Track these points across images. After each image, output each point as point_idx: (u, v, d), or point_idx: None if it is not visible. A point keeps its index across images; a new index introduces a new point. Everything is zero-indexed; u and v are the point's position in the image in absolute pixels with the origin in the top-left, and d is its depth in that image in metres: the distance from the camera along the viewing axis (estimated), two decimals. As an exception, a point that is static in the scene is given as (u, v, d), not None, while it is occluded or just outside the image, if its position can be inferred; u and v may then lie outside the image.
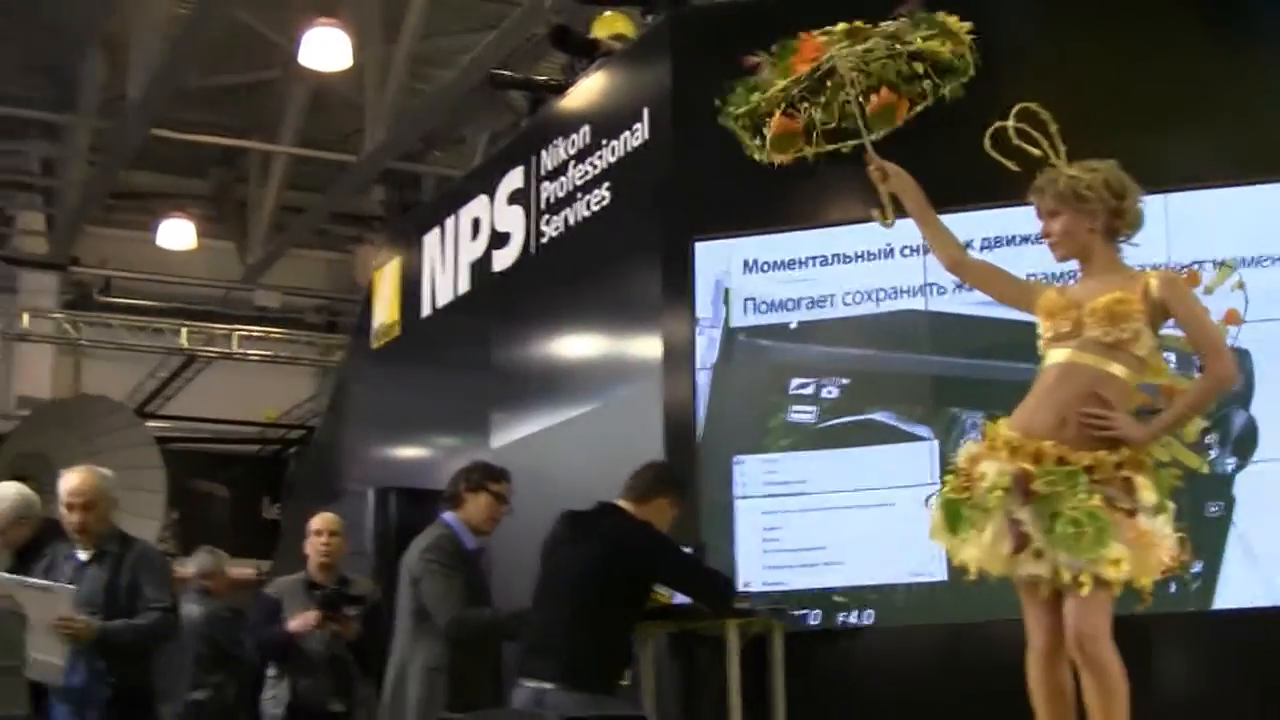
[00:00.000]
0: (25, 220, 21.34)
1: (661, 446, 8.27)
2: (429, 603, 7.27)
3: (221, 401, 21.04)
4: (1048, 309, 5.03)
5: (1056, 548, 4.66)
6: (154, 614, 7.18)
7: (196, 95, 17.28)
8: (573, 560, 6.79)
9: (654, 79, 9.10)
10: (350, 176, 18.03)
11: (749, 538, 8.08)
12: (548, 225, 9.80)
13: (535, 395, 9.72)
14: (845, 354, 8.18)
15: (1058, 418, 4.85)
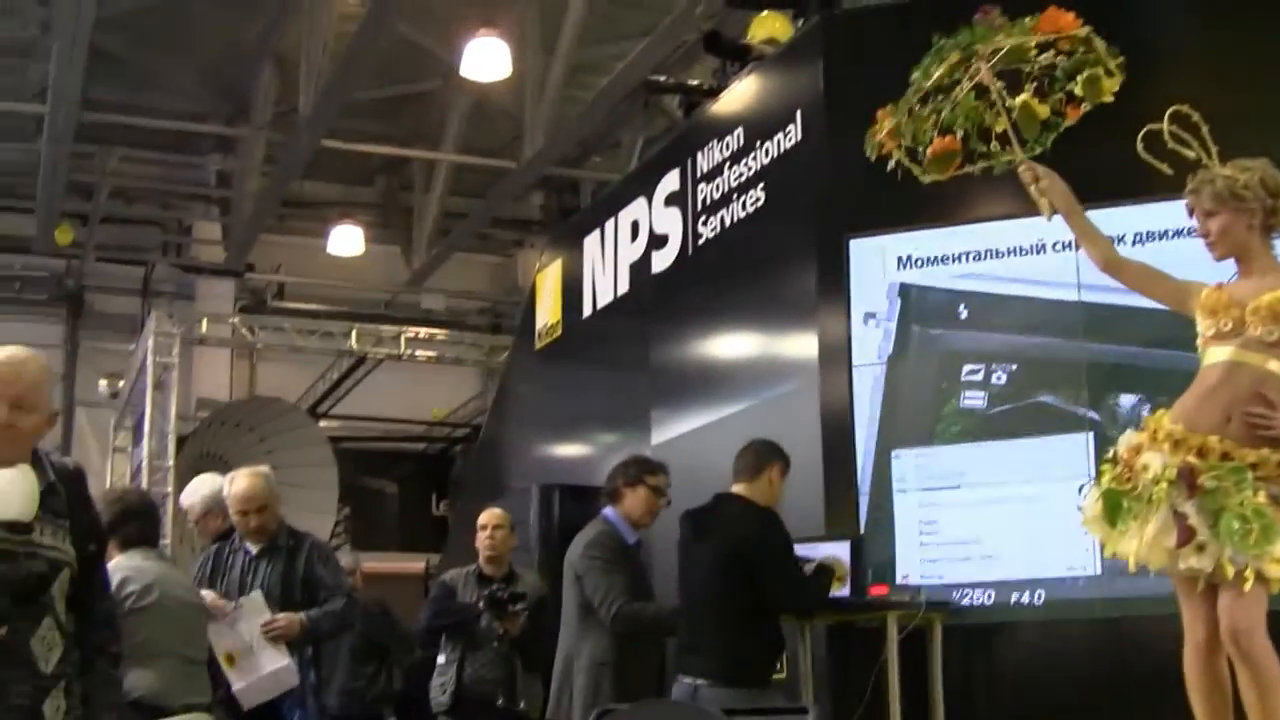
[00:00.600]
0: (203, 230, 21.70)
1: (818, 442, 8.20)
2: (593, 597, 7.25)
3: (390, 401, 21.24)
4: (1209, 306, 4.89)
5: (1223, 543, 4.53)
6: (339, 600, 7.24)
7: (363, 107, 17.45)
8: (702, 557, 6.79)
9: (806, 81, 9.03)
10: (510, 182, 18.11)
11: (907, 531, 7.99)
12: (704, 226, 9.76)
13: (694, 393, 9.68)
14: (1012, 340, 8.05)
15: (1223, 414, 4.73)
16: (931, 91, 5.25)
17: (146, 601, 6.51)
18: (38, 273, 21.20)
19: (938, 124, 5.21)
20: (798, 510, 7.73)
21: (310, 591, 7.23)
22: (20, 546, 4.11)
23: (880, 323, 8.26)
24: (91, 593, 4.44)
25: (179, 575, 7.09)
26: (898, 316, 8.25)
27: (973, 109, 5.16)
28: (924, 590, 7.54)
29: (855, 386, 8.22)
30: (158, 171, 20.76)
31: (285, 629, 7.01)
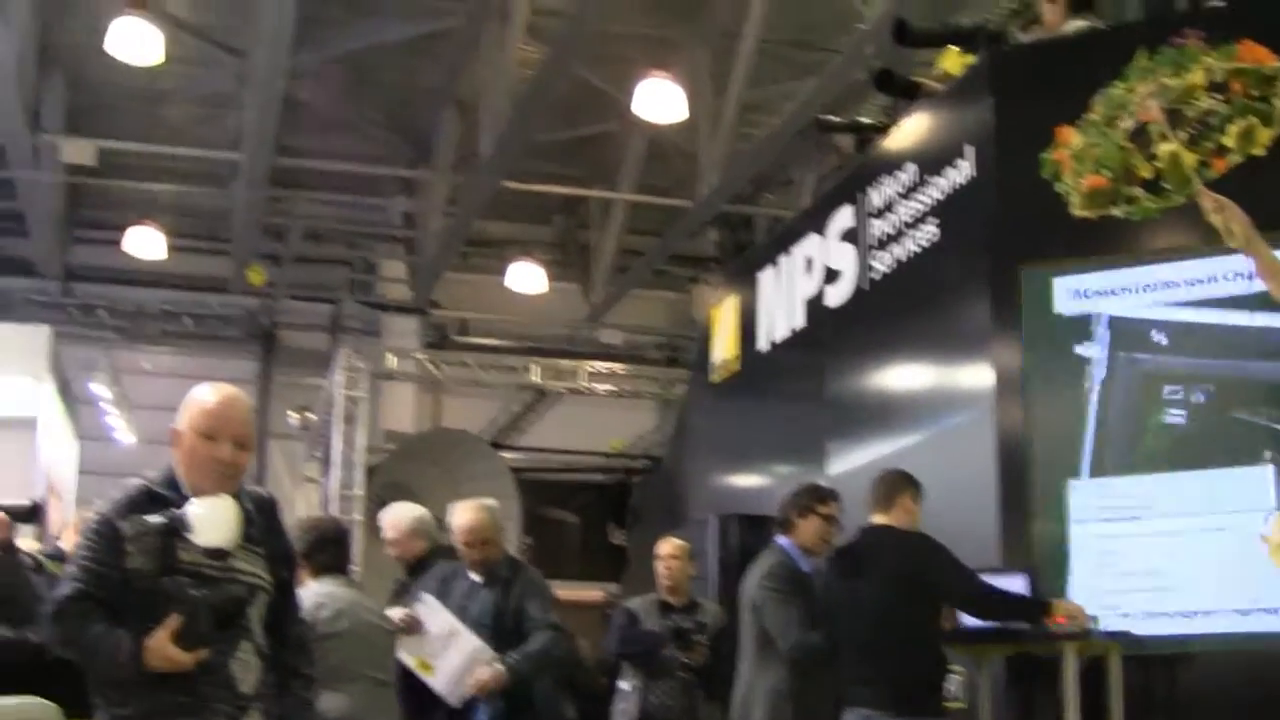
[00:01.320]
0: (389, 269, 22.02)
1: (994, 472, 8.09)
2: (770, 628, 7.19)
3: (570, 433, 21.37)
4: None
5: None
6: (545, 634, 7.23)
7: (541, 148, 17.61)
8: (861, 589, 6.67)
9: (977, 116, 8.92)
10: (686, 220, 18.16)
11: (1084, 562, 7.83)
12: (878, 261, 9.69)
13: (869, 424, 9.60)
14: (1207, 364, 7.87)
15: None
16: (1109, 119, 5.14)
17: (338, 626, 6.61)
18: (233, 311, 21.69)
19: (1098, 158, 5.11)
20: (973, 541, 7.62)
21: (519, 621, 7.26)
22: (221, 572, 4.22)
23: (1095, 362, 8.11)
24: (286, 617, 4.56)
25: (369, 601, 7.16)
26: (1108, 346, 8.08)
27: (1121, 151, 5.05)
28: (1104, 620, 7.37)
29: (1031, 417, 8.08)
30: (345, 213, 21.13)
31: (493, 682, 7.03)
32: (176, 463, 4.36)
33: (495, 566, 7.36)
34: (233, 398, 4.43)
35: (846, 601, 6.79)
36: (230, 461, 4.30)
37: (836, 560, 6.97)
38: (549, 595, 7.57)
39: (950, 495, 7.69)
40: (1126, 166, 5.12)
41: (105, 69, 16.06)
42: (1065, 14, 9.05)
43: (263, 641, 4.36)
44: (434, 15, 15.77)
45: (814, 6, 14.94)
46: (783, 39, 15.44)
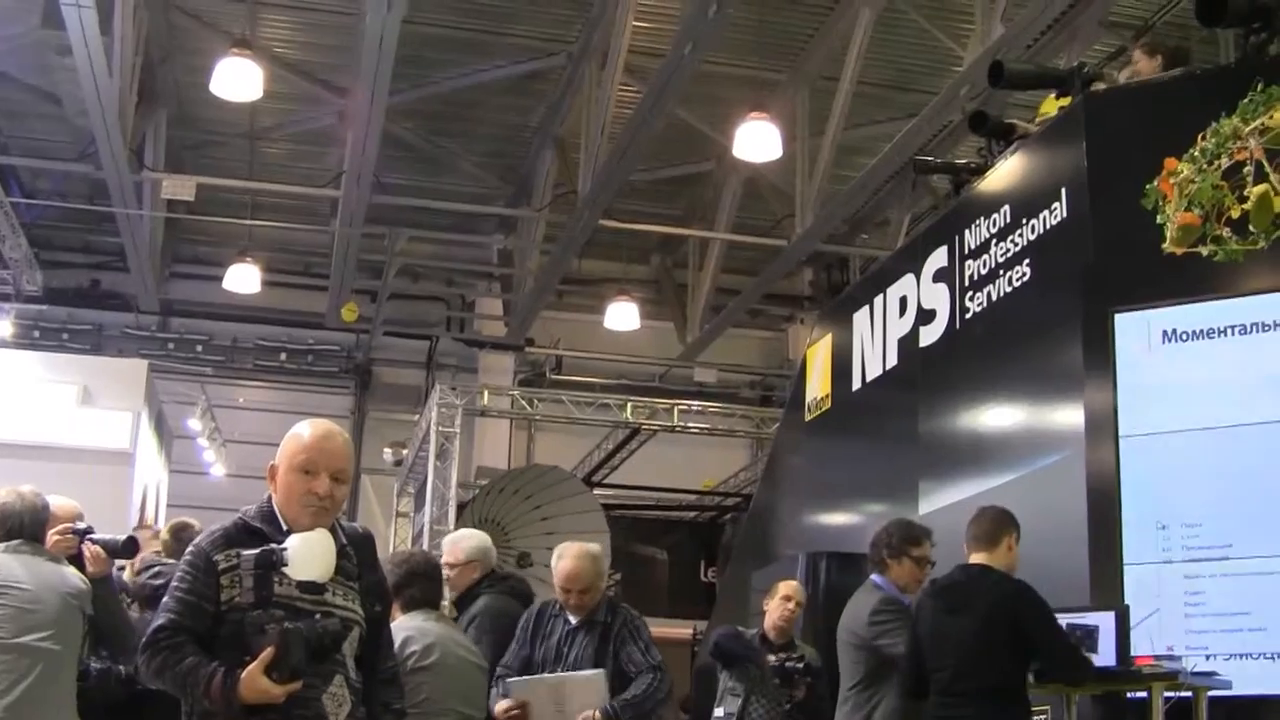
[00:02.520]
0: (485, 306, 22.28)
1: (1084, 512, 8.16)
2: (895, 655, 7.23)
3: (662, 471, 21.47)
4: None
5: None
6: (649, 676, 7.29)
7: (638, 187, 17.84)
8: (957, 629, 6.71)
9: (1070, 159, 9.03)
10: (781, 260, 18.29)
11: (1172, 602, 7.89)
12: (971, 301, 9.80)
13: (961, 463, 9.68)
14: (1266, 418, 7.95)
15: None
16: (1213, 155, 5.18)
17: (429, 661, 6.67)
18: (330, 347, 22.01)
19: (1192, 196, 5.15)
20: (1063, 579, 7.71)
21: (620, 665, 7.33)
22: (315, 605, 4.30)
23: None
24: (378, 652, 4.63)
25: (460, 636, 7.19)
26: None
27: (1215, 190, 5.10)
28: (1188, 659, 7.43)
29: (1122, 458, 8.16)
30: (443, 250, 21.43)
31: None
32: (274, 497, 4.47)
33: (595, 610, 7.38)
34: (330, 432, 4.52)
35: (942, 638, 6.86)
36: (326, 495, 4.38)
37: (935, 596, 7.01)
38: (649, 636, 7.64)
39: (1041, 535, 7.76)
40: (1218, 205, 5.15)
41: (207, 105, 16.50)
42: (1161, 69, 9.18)
43: (355, 675, 4.43)
44: (535, 55, 16.05)
45: (912, 50, 15.10)
46: (880, 80, 15.60)
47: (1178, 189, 5.14)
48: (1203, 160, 5.11)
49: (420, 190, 18.77)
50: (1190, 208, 5.10)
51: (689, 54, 13.25)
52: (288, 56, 16.03)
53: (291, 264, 21.35)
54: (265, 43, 15.45)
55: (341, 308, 20.21)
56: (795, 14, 15.07)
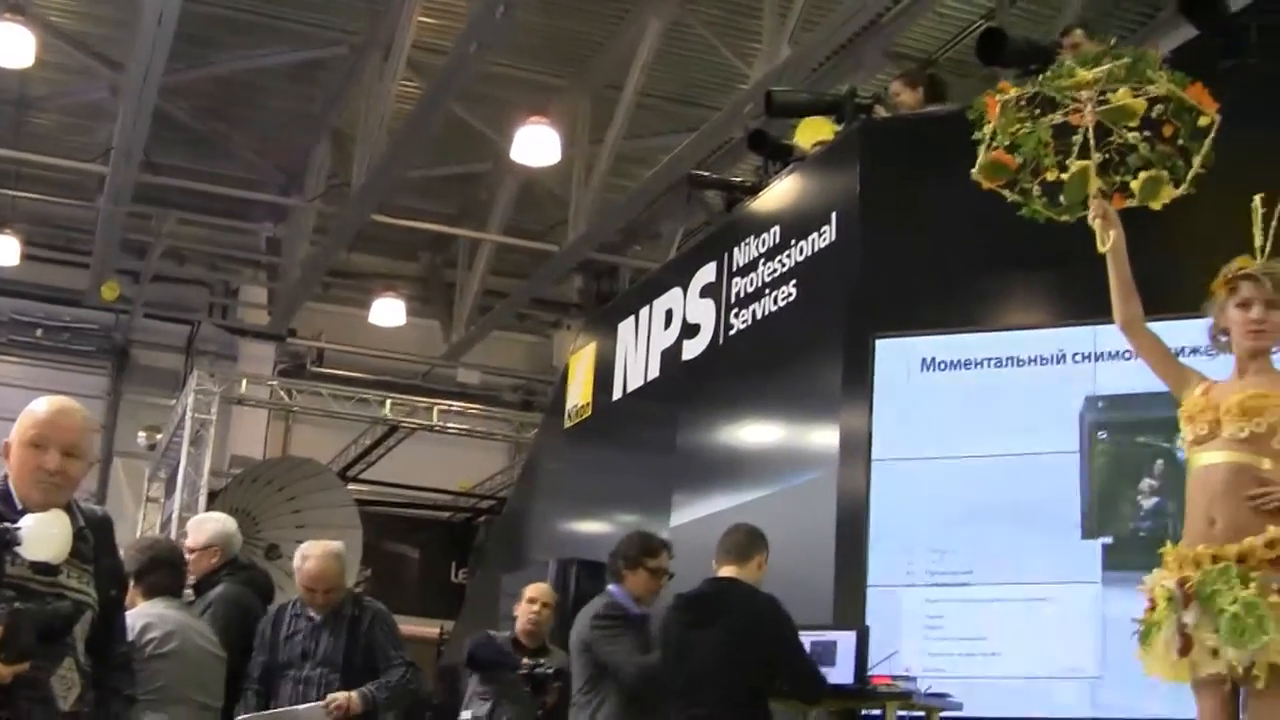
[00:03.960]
0: (249, 294, 21.92)
1: (833, 532, 8.27)
2: (608, 661, 7.28)
3: (419, 470, 21.30)
4: (1188, 414, 4.91)
5: (1225, 644, 4.56)
6: (399, 669, 7.26)
7: (413, 184, 17.69)
8: (704, 640, 6.75)
9: (843, 184, 9.16)
10: (552, 265, 18.27)
11: (913, 624, 8.04)
12: (736, 318, 9.89)
13: (716, 478, 9.76)
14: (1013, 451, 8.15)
15: (1206, 520, 4.77)
16: (1049, 97, 5.10)
17: (167, 648, 6.60)
18: (88, 325, 21.42)
19: (1017, 137, 5.09)
20: (808, 596, 7.81)
21: (370, 660, 7.28)
22: (47, 588, 4.19)
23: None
24: (111, 637, 4.54)
25: (200, 624, 7.08)
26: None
27: (1039, 145, 5.06)
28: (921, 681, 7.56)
29: (873, 481, 8.28)
30: (210, 235, 20.99)
31: (346, 706, 7.05)
32: (8, 475, 4.34)
33: (340, 605, 7.34)
34: (66, 408, 4.39)
35: (684, 649, 6.88)
36: (57, 470, 4.26)
37: (682, 608, 7.03)
38: (398, 632, 7.61)
39: (789, 552, 7.85)
40: (1037, 160, 5.10)
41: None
42: (923, 100, 9.39)
43: (85, 659, 4.34)
44: (318, 43, 15.80)
45: (698, 65, 15.17)
46: (664, 93, 15.65)
47: (1001, 115, 5.05)
48: (1033, 108, 5.03)
49: (191, 172, 18.35)
50: (1011, 150, 5.04)
51: (473, 53, 13.17)
52: (63, 26, 15.55)
53: (53, 238, 20.72)
54: (40, 10, 14.98)
55: (102, 286, 19.71)
56: (583, 21, 15.04)
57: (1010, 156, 5.06)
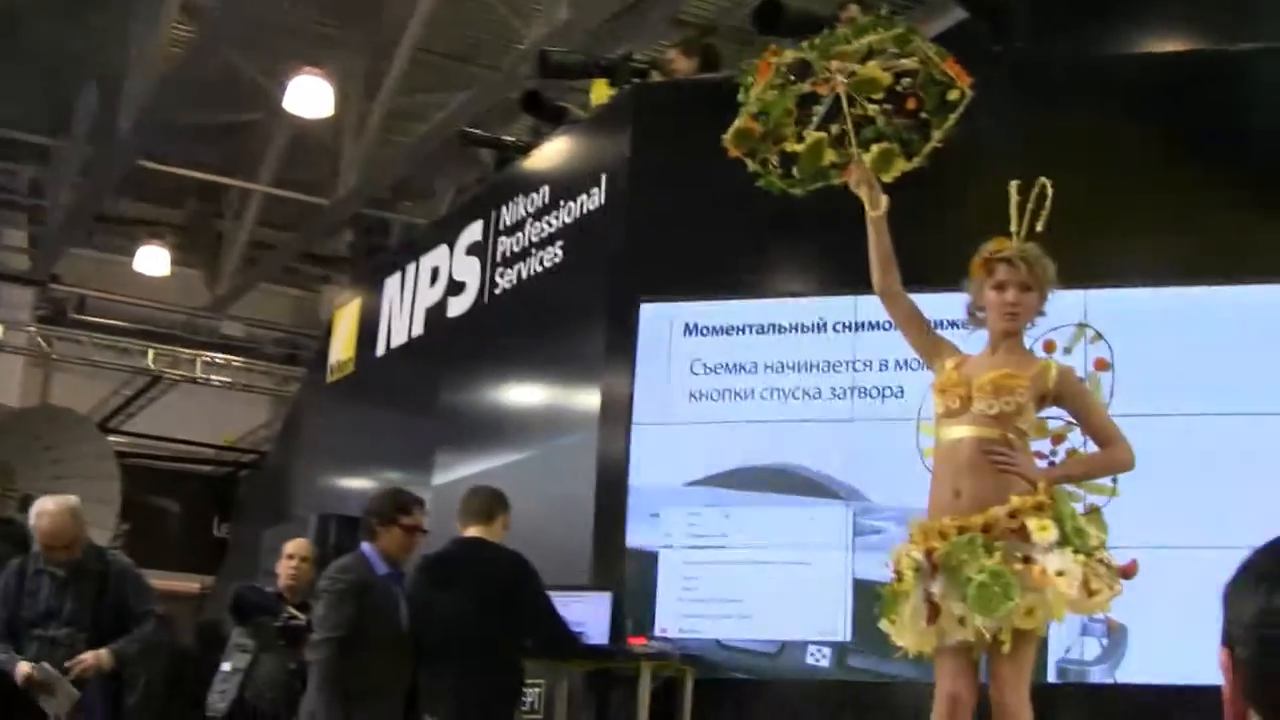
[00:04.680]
0: (9, 236, 21.20)
1: (593, 494, 8.26)
2: (316, 624, 7.13)
3: (181, 422, 20.89)
4: (940, 387, 5.00)
5: (973, 612, 4.63)
6: (148, 625, 7.10)
7: (182, 130, 17.24)
8: (451, 600, 6.70)
9: (613, 147, 9.14)
10: (322, 218, 17.98)
11: (669, 586, 8.06)
12: (502, 278, 9.81)
13: (478, 438, 9.70)
14: (773, 417, 8.21)
15: (951, 491, 4.85)
16: (799, 74, 5.07)
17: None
18: None
19: (763, 104, 5.06)
20: (567, 558, 7.79)
21: (119, 615, 7.10)
22: None
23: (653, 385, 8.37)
24: None
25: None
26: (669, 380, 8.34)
27: (785, 114, 5.03)
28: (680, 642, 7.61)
29: (633, 444, 8.28)
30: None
31: (94, 665, 6.87)
32: None
33: (83, 561, 7.17)
34: None
35: (432, 609, 6.81)
36: None
37: (427, 568, 6.97)
38: (147, 584, 7.44)
39: (549, 513, 7.85)
40: (778, 129, 5.07)
41: None
42: (698, 69, 9.40)
43: None
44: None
45: (477, 23, 15.01)
46: (442, 51, 15.47)
47: (765, 82, 4.99)
48: (788, 74, 4.98)
49: (-50, 108, 17.76)
50: (759, 116, 5.00)
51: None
52: None
53: None
54: None
55: None
56: (361, -28, 14.84)
57: (756, 123, 5.04)
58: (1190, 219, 7.96)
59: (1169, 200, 8.00)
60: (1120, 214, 7.93)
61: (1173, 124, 8.17)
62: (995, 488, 4.81)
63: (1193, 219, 7.96)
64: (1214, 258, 7.87)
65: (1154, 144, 8.17)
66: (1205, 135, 8.08)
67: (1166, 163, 8.12)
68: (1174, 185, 8.04)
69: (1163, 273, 7.95)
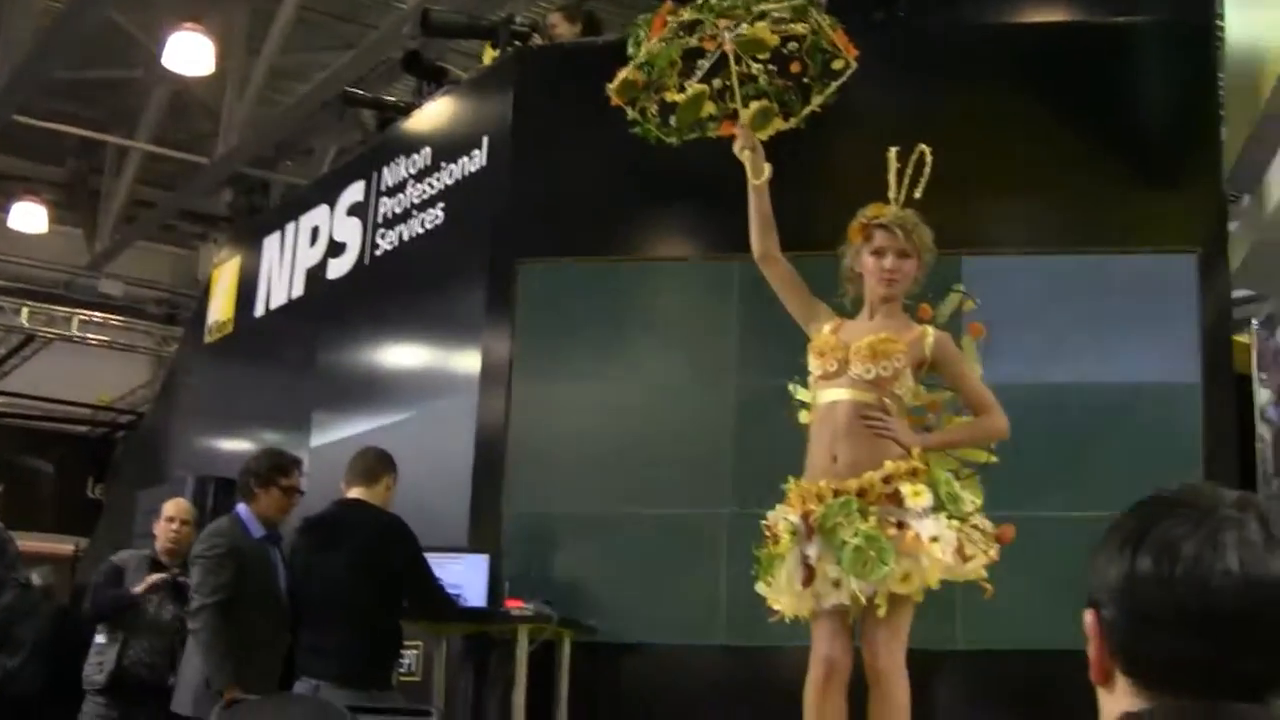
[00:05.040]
0: (-121, 191, 20.81)
1: (472, 456, 8.22)
2: (193, 590, 7.04)
3: (57, 382, 20.59)
4: (819, 349, 5.02)
5: (848, 575, 4.65)
6: (9, 591, 6.96)
7: (60, 86, 16.93)
8: (329, 561, 6.64)
9: (496, 109, 9.08)
10: (202, 177, 17.73)
11: (548, 549, 8.05)
12: (383, 239, 9.73)
13: (357, 399, 9.62)
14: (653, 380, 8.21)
15: (829, 454, 4.88)
16: (695, 23, 5.04)
17: None
18: None
19: (649, 54, 5.03)
20: (445, 520, 7.76)
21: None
22: None
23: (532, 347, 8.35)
24: None
25: None
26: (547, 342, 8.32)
27: (669, 65, 5.01)
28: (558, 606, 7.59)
29: (513, 406, 8.24)
30: None
31: None
32: None
33: None
34: None
35: (312, 571, 6.75)
36: None
37: (307, 530, 6.91)
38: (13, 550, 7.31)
39: (428, 476, 7.80)
40: (661, 79, 5.05)
41: None
42: (580, 34, 9.35)
43: None
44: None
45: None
46: (325, 9, 15.30)
47: (658, 38, 4.96)
48: (678, 30, 4.96)
49: None
50: (644, 67, 4.98)
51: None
52: None
53: None
54: None
55: None
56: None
57: (639, 72, 5.02)
58: (1067, 188, 8.05)
59: (1047, 169, 8.08)
60: (998, 182, 8.00)
61: (1052, 94, 8.24)
62: (871, 453, 4.83)
63: (1070, 188, 8.05)
64: (1089, 227, 7.96)
65: (1033, 113, 8.23)
66: (1084, 106, 8.16)
67: (1045, 132, 8.18)
68: (1052, 154, 8.12)
69: (1039, 241, 8.02)
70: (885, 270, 5.03)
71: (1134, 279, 7.85)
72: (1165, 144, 8.20)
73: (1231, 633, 1.46)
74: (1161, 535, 1.52)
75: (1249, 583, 1.47)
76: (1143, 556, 1.51)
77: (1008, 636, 7.18)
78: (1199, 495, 1.56)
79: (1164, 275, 7.87)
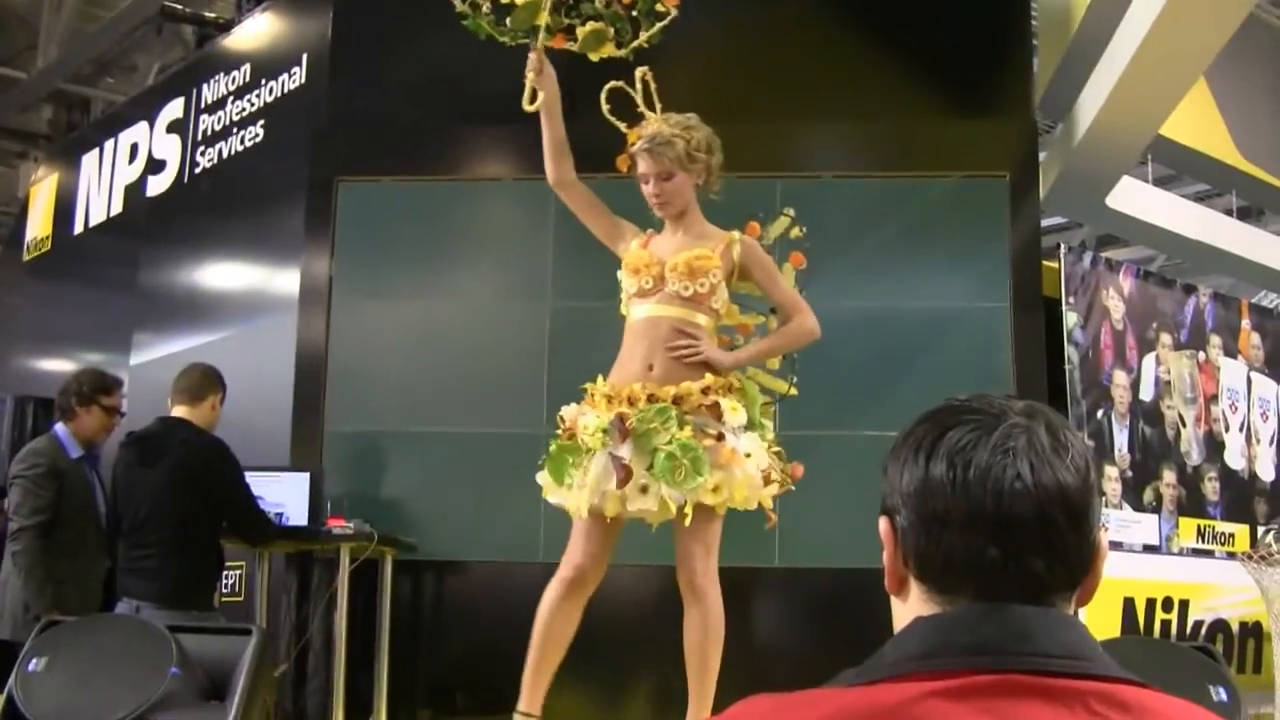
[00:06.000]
0: None
1: (292, 375, 8.11)
2: (9, 512, 6.87)
3: None
4: (632, 265, 4.97)
5: (660, 482, 4.61)
6: None
7: (-128, -1, 16.37)
8: (149, 480, 6.51)
9: (315, 27, 8.91)
10: (20, 93, 17.24)
11: (370, 467, 7.98)
12: (202, 156, 9.53)
13: (178, 318, 9.44)
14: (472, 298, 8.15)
15: (644, 364, 4.84)
16: None
17: None
18: None
19: None
20: (266, 440, 7.64)
21: None
22: None
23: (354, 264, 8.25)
24: None
25: None
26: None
27: None
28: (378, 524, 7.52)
29: (332, 325, 8.13)
30: None
31: None
32: None
33: None
34: None
35: (131, 488, 6.60)
36: None
37: (130, 447, 6.74)
38: None
39: (251, 394, 7.68)
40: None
41: None
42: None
43: None
44: None
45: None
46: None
47: None
48: None
49: None
50: None
51: None
52: None
53: None
54: None
55: None
56: None
57: None
58: (880, 113, 8.09)
59: (860, 94, 8.12)
60: (812, 107, 8.00)
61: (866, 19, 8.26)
62: (690, 369, 4.81)
63: (883, 113, 8.09)
64: (902, 151, 8.01)
65: (847, 38, 8.25)
66: (898, 31, 8.20)
67: (859, 57, 8.21)
68: (865, 79, 8.16)
69: (852, 164, 8.06)
70: (653, 196, 5.00)
71: (945, 203, 7.92)
72: (978, 69, 8.26)
73: (1022, 536, 1.48)
74: (954, 441, 1.53)
75: (1038, 485, 1.49)
76: (936, 462, 1.52)
77: (822, 555, 7.27)
78: (989, 403, 1.58)
79: (975, 199, 7.95)
